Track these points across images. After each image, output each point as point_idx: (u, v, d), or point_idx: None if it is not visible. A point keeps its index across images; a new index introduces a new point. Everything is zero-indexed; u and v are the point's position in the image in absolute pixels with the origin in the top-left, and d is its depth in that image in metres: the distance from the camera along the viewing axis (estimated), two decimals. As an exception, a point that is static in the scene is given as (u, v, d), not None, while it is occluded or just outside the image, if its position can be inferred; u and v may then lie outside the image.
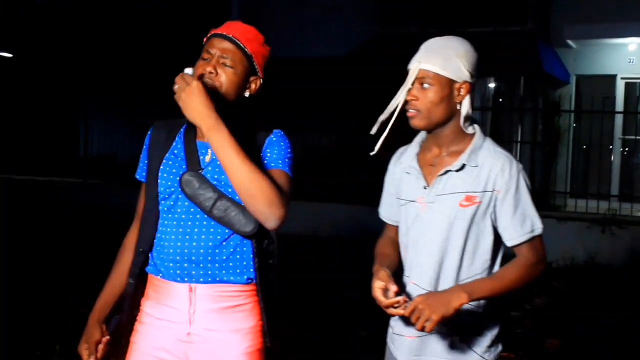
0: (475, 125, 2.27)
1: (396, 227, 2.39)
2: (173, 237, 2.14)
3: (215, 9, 13.53)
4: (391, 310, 2.10)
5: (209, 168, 2.14)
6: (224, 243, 2.15)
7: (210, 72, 2.10)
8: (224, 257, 2.15)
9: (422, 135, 2.34)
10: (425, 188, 2.22)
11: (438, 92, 2.16)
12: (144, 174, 2.28)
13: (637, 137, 10.68)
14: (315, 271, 7.59)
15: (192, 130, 2.20)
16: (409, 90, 2.21)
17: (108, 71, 14.61)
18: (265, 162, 2.19)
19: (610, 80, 11.33)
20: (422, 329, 2.01)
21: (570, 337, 5.62)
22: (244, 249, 2.17)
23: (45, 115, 16.35)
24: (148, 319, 2.20)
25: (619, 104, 11.26)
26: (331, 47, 11.81)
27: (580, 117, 11.30)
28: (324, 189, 10.51)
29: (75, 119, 15.05)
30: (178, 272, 2.13)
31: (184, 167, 2.15)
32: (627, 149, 11.42)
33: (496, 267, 2.22)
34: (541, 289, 7.17)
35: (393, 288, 2.07)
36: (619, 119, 11.19)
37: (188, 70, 2.05)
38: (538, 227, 2.18)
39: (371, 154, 2.38)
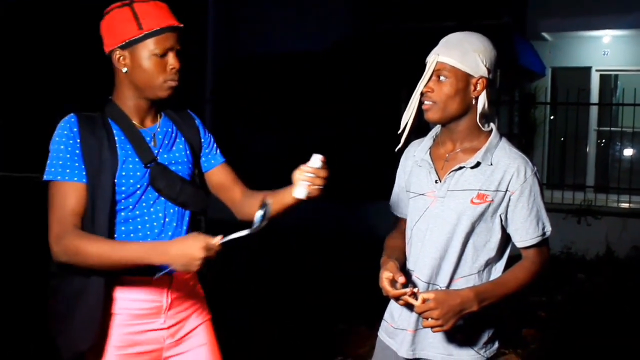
0: (492, 124, 2.28)
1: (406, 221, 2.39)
2: (148, 232, 2.13)
3: (191, 6, 13.44)
4: (400, 300, 2.10)
5: (165, 156, 2.16)
6: (186, 225, 2.20)
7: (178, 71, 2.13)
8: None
9: (436, 129, 2.34)
10: (437, 182, 2.22)
11: (454, 85, 2.16)
12: (83, 173, 2.05)
13: (612, 129, 10.78)
14: (291, 268, 7.61)
15: (124, 119, 2.14)
16: (426, 82, 2.20)
17: (85, 66, 14.49)
18: (214, 153, 2.32)
19: (585, 72, 11.41)
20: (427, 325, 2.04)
21: (546, 327, 5.69)
22: (192, 227, 2.22)
23: (21, 110, 16.20)
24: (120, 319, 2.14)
25: (594, 96, 11.34)
26: (307, 44, 11.79)
27: (556, 109, 11.40)
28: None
29: (52, 114, 14.91)
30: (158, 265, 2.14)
31: (137, 159, 2.10)
32: (602, 140, 11.52)
33: (500, 266, 2.24)
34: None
35: (401, 279, 2.08)
36: (594, 111, 11.28)
37: (318, 159, 2.02)
38: (548, 230, 2.22)
39: (396, 149, 2.38)
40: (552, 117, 11.47)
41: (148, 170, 2.10)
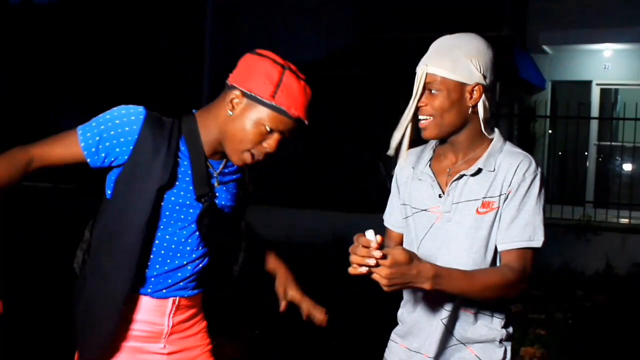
0: (495, 129, 2.12)
1: (400, 235, 2.22)
2: (169, 261, 2.03)
3: (190, 15, 13.37)
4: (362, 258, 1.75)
5: (223, 195, 2.07)
6: (204, 264, 2.12)
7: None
8: (206, 269, 2.13)
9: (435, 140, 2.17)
10: (440, 197, 2.05)
11: (447, 98, 1.98)
12: (93, 149, 1.95)
13: (613, 143, 10.70)
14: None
15: (196, 142, 2.00)
16: (419, 98, 2.03)
17: (81, 73, 14.42)
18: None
19: (585, 86, 11.34)
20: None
21: (546, 345, 5.56)
22: (211, 259, 2.15)
23: (15, 117, 16.10)
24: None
25: (594, 110, 11.28)
26: (310, 52, 11.73)
27: (555, 123, 11.31)
28: (299, 194, 10.40)
29: (47, 122, 14.84)
30: (164, 291, 2.05)
31: (191, 188, 1.98)
32: (602, 155, 11.43)
33: None
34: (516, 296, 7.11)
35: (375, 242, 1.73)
36: (594, 125, 11.21)
37: (370, 234, 1.73)
38: (539, 240, 1.98)
39: (401, 162, 2.20)
40: (551, 131, 11.38)
41: (200, 205, 1.99)
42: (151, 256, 2.01)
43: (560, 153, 11.43)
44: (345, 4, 12.11)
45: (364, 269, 1.73)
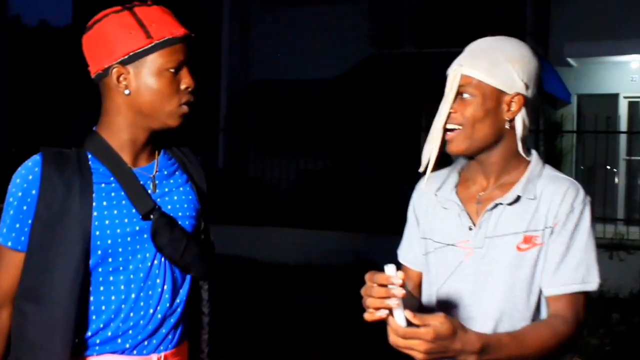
0: (533, 150, 1.80)
1: (419, 274, 1.88)
2: (142, 304, 1.68)
3: (205, 35, 13.25)
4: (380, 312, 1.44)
5: (169, 207, 1.72)
6: (186, 294, 1.75)
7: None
8: (187, 311, 1.76)
9: (461, 161, 1.85)
10: (470, 229, 1.73)
11: (481, 105, 1.68)
12: (23, 238, 1.64)
13: (643, 158, 10.34)
14: (308, 302, 7.19)
15: (112, 156, 1.68)
16: (451, 103, 1.71)
17: (83, 84, 14.42)
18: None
19: (612, 99, 11.03)
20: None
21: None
22: (192, 295, 1.79)
23: (16, 133, 16.10)
24: None
25: (623, 124, 10.96)
26: (324, 69, 11.53)
27: (582, 138, 10.96)
28: (318, 215, 10.11)
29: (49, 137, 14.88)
30: (146, 343, 1.69)
31: (133, 210, 1.65)
32: (632, 170, 11.08)
33: None
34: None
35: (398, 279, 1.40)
36: (622, 139, 10.91)
37: (391, 270, 1.40)
38: (594, 281, 1.69)
39: (423, 187, 1.86)
40: (578, 146, 11.08)
41: (149, 223, 1.66)
42: (123, 305, 1.66)
43: (583, 168, 11.10)
44: (361, 20, 11.90)
45: (383, 313, 1.42)
